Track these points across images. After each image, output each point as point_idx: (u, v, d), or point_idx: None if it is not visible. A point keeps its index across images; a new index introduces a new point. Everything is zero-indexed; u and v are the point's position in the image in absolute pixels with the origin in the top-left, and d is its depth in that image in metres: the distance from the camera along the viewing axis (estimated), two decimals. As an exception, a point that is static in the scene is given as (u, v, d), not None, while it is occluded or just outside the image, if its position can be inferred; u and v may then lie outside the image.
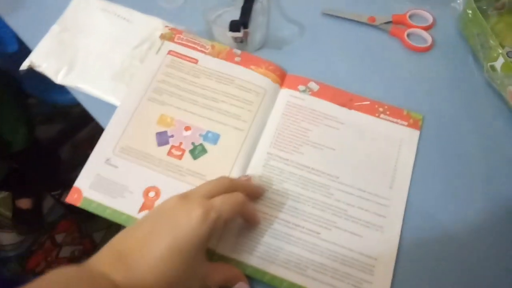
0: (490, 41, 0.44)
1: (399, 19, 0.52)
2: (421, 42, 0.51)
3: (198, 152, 0.43)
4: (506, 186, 0.43)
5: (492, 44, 0.44)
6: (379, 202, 0.41)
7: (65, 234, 1.21)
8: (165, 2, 0.53)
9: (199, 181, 0.41)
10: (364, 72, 0.49)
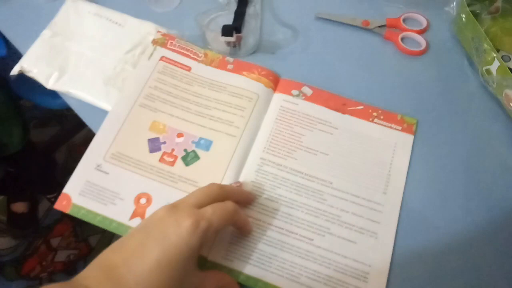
0: (485, 45, 0.44)
1: (393, 23, 0.52)
2: (415, 45, 0.51)
3: (190, 158, 0.42)
4: (502, 191, 0.42)
5: (486, 48, 0.44)
6: (373, 207, 0.41)
7: (60, 238, 1.21)
8: (158, 7, 0.52)
9: (191, 187, 0.41)
10: (358, 76, 0.49)
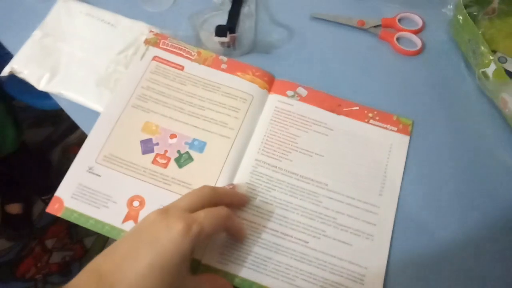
0: (482, 47, 0.43)
1: (389, 23, 0.51)
2: (410, 46, 0.50)
3: (183, 160, 0.42)
4: (499, 193, 0.42)
5: (483, 50, 0.43)
6: (369, 209, 0.41)
7: (55, 239, 1.20)
8: (151, 6, 0.52)
9: (185, 190, 0.40)
10: (353, 76, 0.48)
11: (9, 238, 1.20)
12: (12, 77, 0.47)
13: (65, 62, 0.46)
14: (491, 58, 0.42)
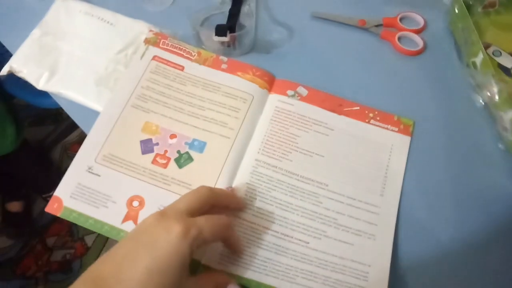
0: (472, 36, 0.43)
1: (390, 22, 0.51)
2: (412, 45, 0.50)
3: (183, 160, 0.42)
4: (502, 193, 0.42)
5: (473, 39, 0.43)
6: (370, 210, 0.40)
7: (56, 237, 1.20)
8: (151, 5, 0.51)
9: (185, 190, 0.40)
10: (354, 76, 0.48)
11: (9, 236, 1.20)
12: (11, 75, 0.46)
13: (64, 61, 0.46)
14: (481, 46, 0.42)
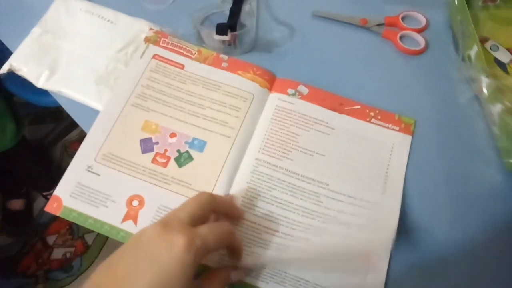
0: (469, 28, 0.42)
1: (392, 21, 0.51)
2: (414, 44, 0.50)
3: (183, 159, 0.41)
4: (504, 192, 0.42)
5: (470, 32, 0.42)
6: (371, 208, 0.40)
7: (56, 235, 1.20)
8: (151, 4, 0.51)
9: (185, 189, 0.40)
10: (355, 75, 0.48)
11: (10, 234, 1.20)
12: (11, 73, 0.46)
13: (64, 59, 0.46)
14: (476, 39, 0.42)
